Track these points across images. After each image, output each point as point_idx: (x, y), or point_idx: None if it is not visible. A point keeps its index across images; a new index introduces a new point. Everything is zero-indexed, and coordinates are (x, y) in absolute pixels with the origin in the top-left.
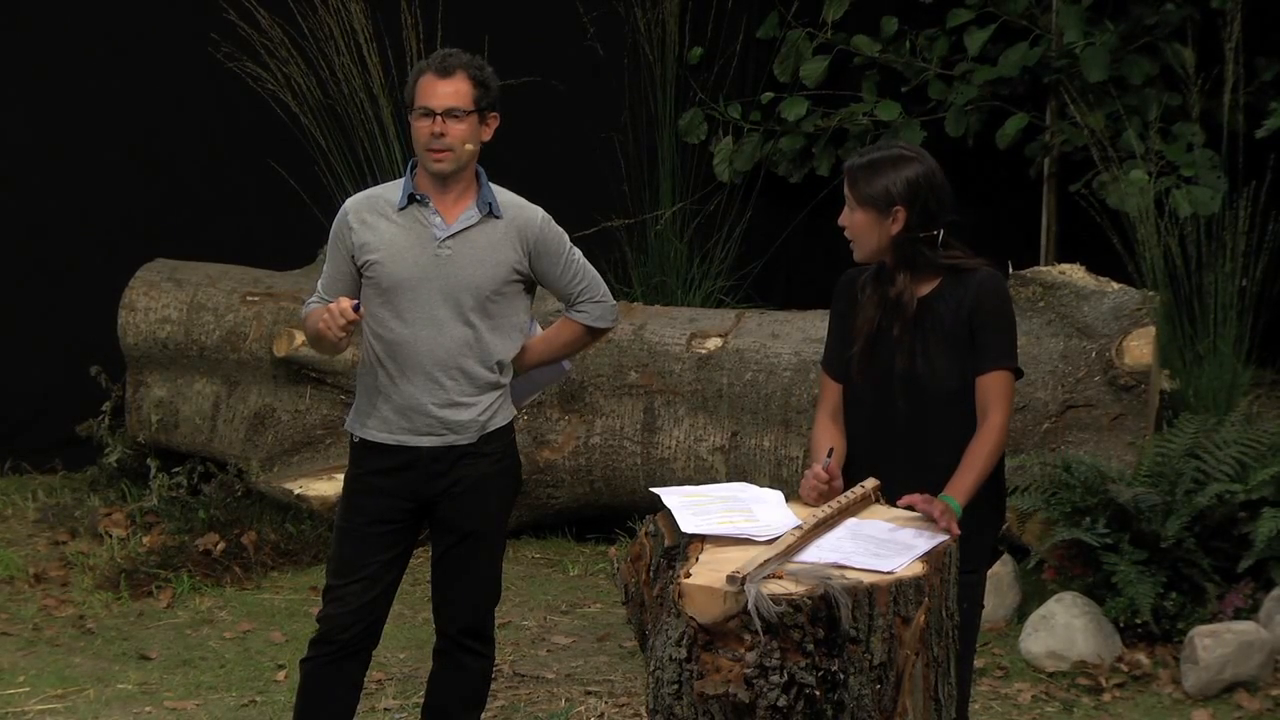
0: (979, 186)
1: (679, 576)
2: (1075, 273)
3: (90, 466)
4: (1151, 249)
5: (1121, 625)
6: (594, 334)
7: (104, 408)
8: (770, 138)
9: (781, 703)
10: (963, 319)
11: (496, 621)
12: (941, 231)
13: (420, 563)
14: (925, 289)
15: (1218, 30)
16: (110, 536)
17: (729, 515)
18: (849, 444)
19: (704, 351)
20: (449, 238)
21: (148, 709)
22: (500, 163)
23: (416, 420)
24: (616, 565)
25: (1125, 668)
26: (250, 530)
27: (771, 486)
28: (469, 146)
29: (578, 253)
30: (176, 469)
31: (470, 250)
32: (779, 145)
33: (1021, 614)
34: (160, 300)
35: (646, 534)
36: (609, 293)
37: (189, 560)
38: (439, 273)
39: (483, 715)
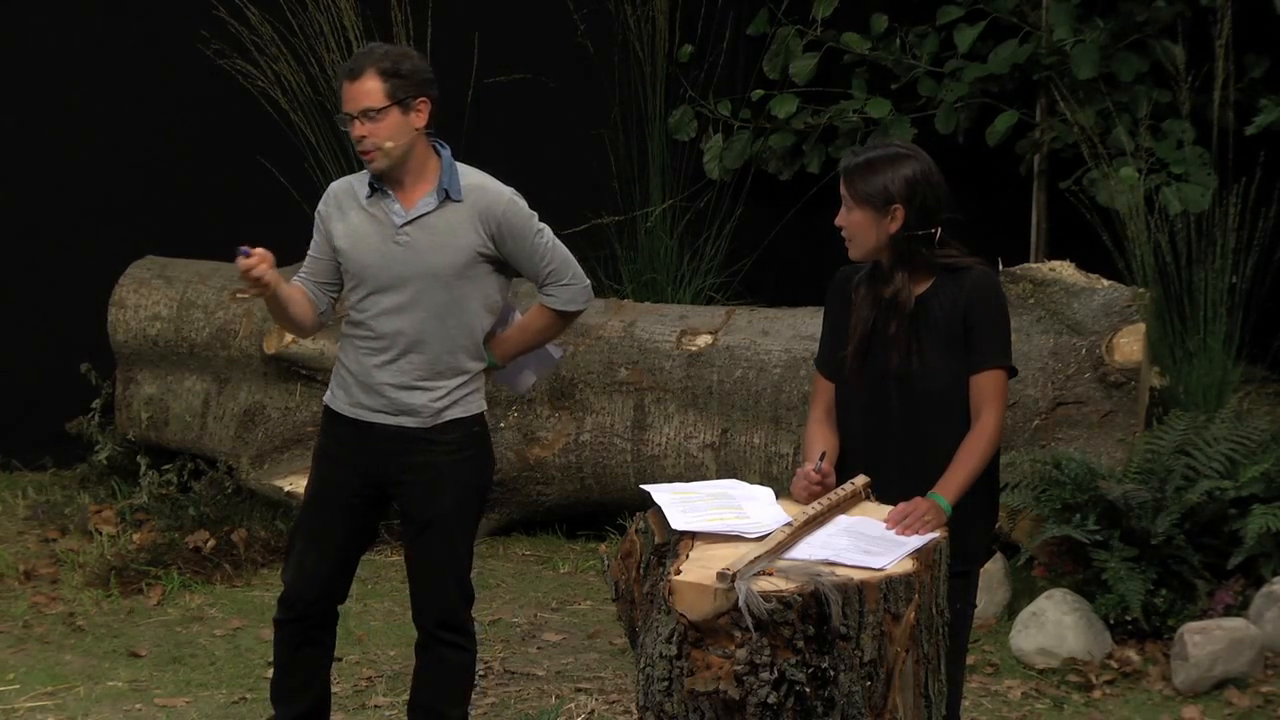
0: (969, 184)
1: (669, 573)
2: (1065, 270)
3: (80, 464)
4: (1141, 246)
5: (1112, 622)
6: (565, 317)
7: (94, 405)
8: (760, 135)
9: (772, 700)
10: (957, 317)
11: (487, 618)
12: (938, 230)
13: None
14: (920, 288)
15: (1208, 27)
16: (100, 534)
17: (719, 512)
18: (843, 443)
19: (694, 349)
20: (406, 224)
21: (138, 706)
22: (491, 159)
23: (374, 398)
24: (607, 562)
25: (1115, 664)
26: (240, 527)
27: (762, 484)
28: (390, 143)
29: (547, 234)
30: (166, 466)
31: (428, 236)
32: (769, 142)
33: (1012, 611)
34: (150, 297)
35: (637, 531)
36: (580, 274)
37: (179, 557)
38: (399, 259)
39: (473, 713)
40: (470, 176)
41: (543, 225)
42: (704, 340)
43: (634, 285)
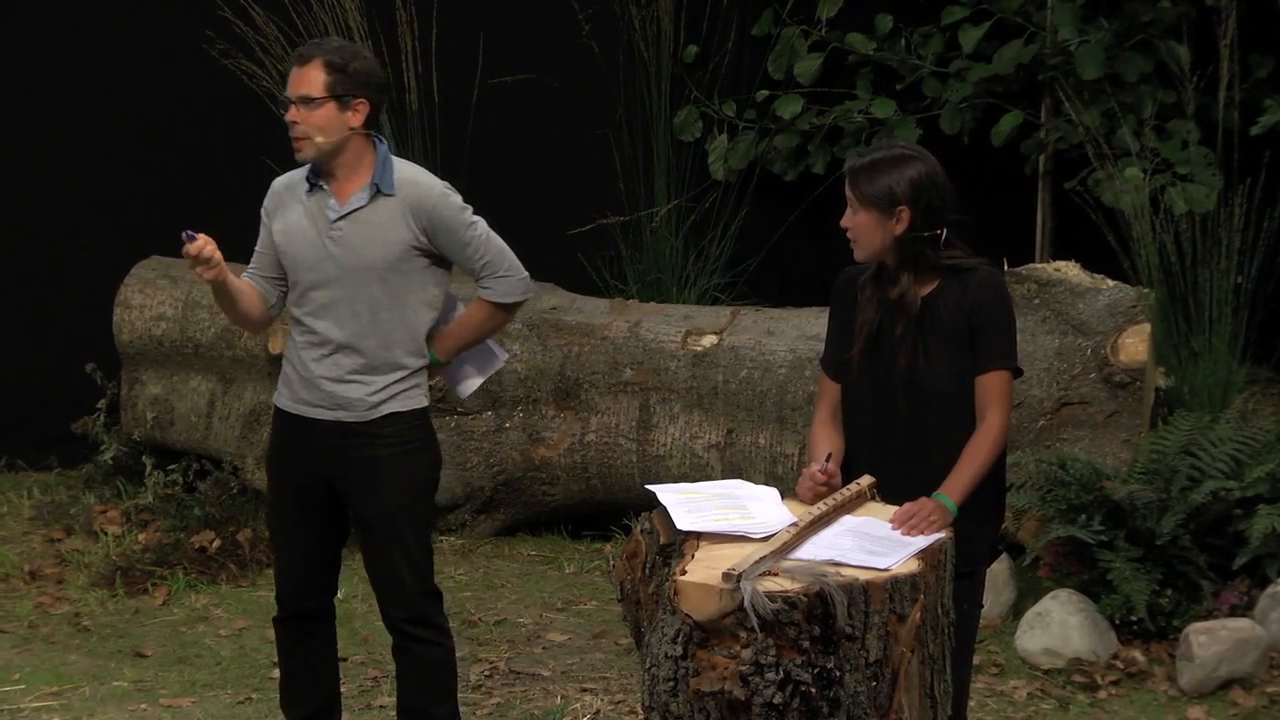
0: (974, 184)
1: (674, 574)
2: (1070, 270)
3: (85, 464)
4: (1146, 246)
5: (1117, 622)
6: (504, 310)
7: (99, 405)
8: (765, 136)
9: (777, 700)
10: (962, 318)
11: (492, 619)
12: (943, 230)
13: None
14: (925, 289)
15: (1213, 27)
16: (105, 534)
17: (724, 512)
18: (849, 444)
19: (699, 349)
20: (339, 219)
21: (143, 706)
22: (495, 159)
23: (313, 393)
24: (612, 563)
25: (1121, 665)
26: (245, 527)
27: (767, 484)
28: (320, 138)
29: (481, 227)
30: (172, 466)
31: (360, 231)
32: (774, 143)
33: (1017, 611)
34: (155, 298)
35: (642, 531)
36: (517, 266)
37: (184, 557)
38: (332, 254)
39: (478, 713)
40: (404, 171)
41: (476, 218)
42: (709, 340)
43: (639, 285)
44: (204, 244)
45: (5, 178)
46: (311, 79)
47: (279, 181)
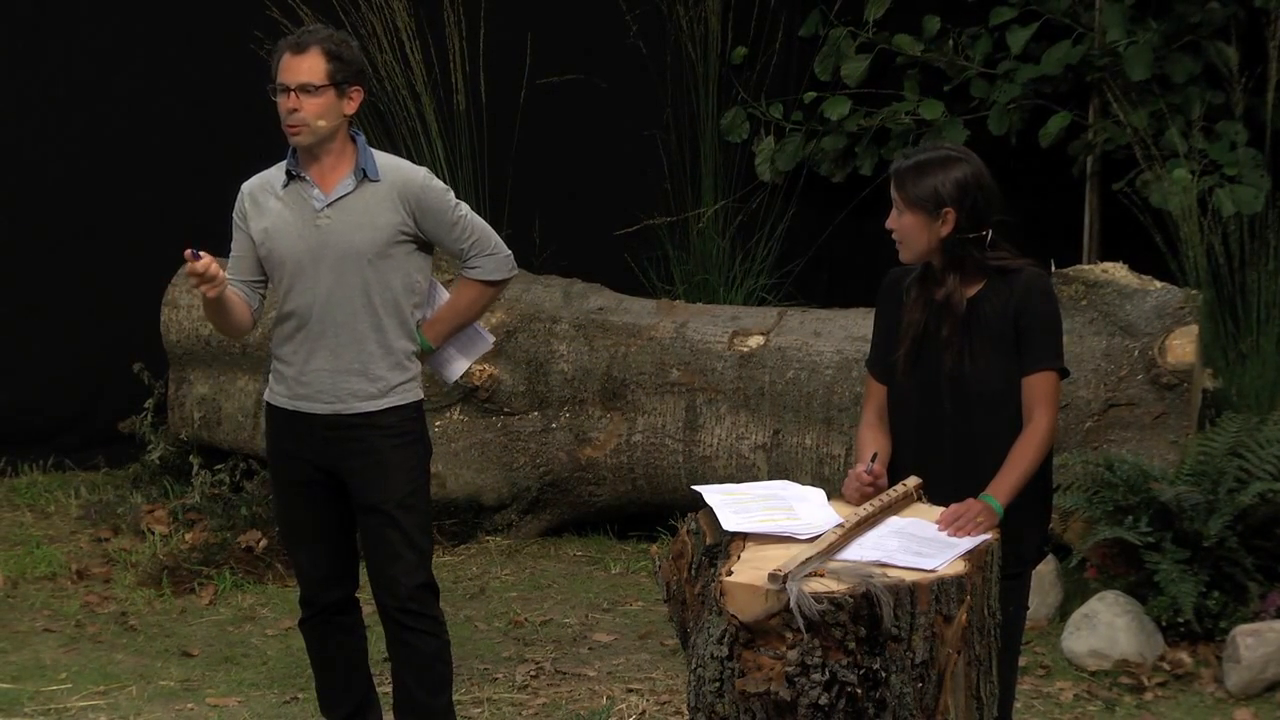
0: (1021, 185)
1: (720, 574)
2: (1118, 271)
3: (133, 463)
4: (1194, 248)
5: (1163, 624)
6: (492, 288)
7: (146, 405)
8: (812, 137)
9: (823, 701)
10: (1009, 319)
11: (538, 619)
12: (990, 231)
13: None
14: (971, 290)
15: (1261, 29)
16: (152, 533)
17: (771, 513)
18: (895, 445)
19: (746, 350)
20: (326, 207)
21: (190, 705)
22: (543, 159)
23: (310, 387)
24: (658, 563)
25: (1167, 667)
26: None
27: (813, 485)
28: (322, 122)
29: (464, 209)
30: (219, 466)
31: (348, 216)
32: (821, 145)
33: (1063, 613)
34: None
35: (688, 532)
36: (502, 244)
37: (231, 557)
38: (321, 242)
39: (525, 713)
40: (385, 159)
41: (460, 201)
42: (756, 341)
43: (686, 286)
44: (209, 262)
45: (53, 178)
46: (312, 66)
47: (250, 185)
